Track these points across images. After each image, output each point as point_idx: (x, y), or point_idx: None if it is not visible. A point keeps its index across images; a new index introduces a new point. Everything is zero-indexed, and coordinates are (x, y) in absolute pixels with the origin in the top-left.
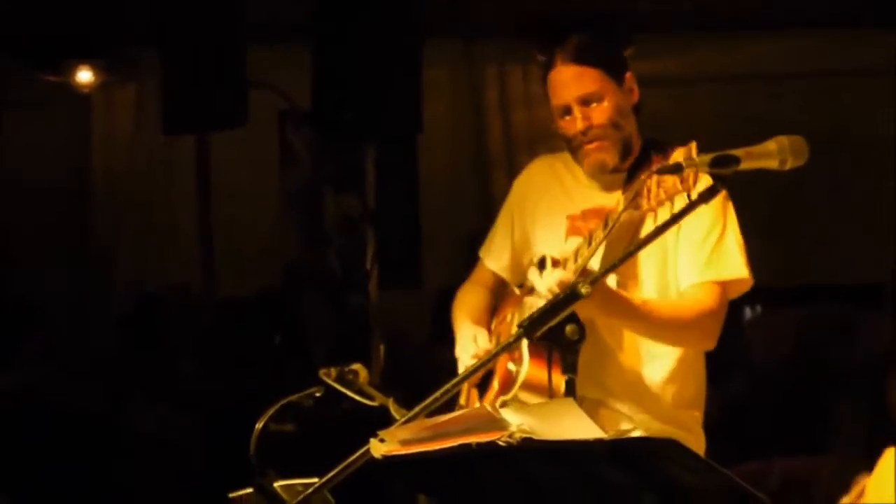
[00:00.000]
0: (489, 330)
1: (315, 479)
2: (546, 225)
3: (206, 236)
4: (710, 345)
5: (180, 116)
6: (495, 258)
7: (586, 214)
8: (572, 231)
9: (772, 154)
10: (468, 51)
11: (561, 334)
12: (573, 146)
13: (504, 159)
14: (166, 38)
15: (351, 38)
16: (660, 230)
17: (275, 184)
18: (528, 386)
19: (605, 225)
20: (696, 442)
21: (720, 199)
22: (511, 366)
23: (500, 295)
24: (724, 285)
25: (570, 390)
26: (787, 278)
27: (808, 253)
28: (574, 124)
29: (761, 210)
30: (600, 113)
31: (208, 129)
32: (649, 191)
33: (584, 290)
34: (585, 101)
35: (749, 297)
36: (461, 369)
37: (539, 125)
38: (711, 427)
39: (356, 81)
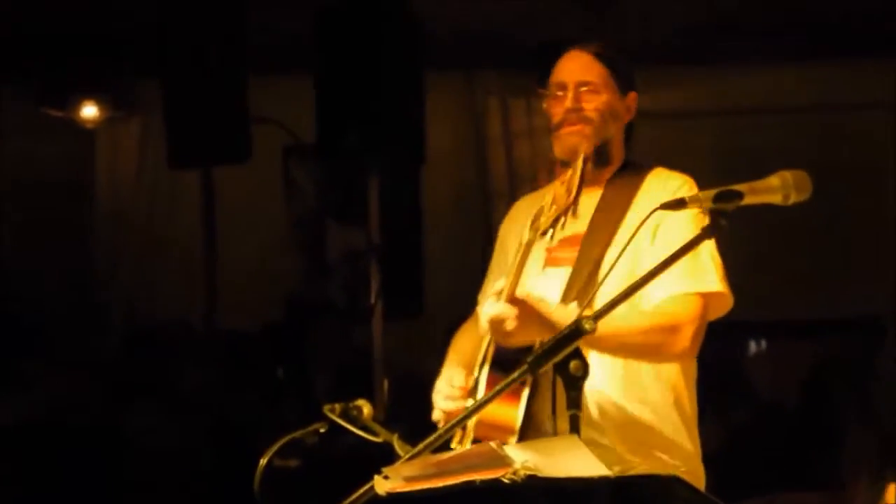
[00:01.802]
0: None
1: None
2: (529, 261)
3: (210, 270)
4: (685, 357)
5: (184, 151)
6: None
7: (563, 244)
8: (550, 262)
9: (775, 189)
10: (471, 82)
11: (565, 370)
12: (554, 127)
13: (507, 190)
14: (170, 73)
15: (354, 70)
16: (664, 265)
17: (279, 217)
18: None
19: (519, 252)
20: (695, 478)
21: (698, 215)
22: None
23: None
24: (701, 297)
25: (575, 426)
26: (791, 313)
27: (810, 287)
28: (563, 102)
29: (765, 245)
30: (592, 100)
31: (212, 163)
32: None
33: (587, 325)
34: (583, 85)
35: (754, 332)
36: (435, 412)
37: (542, 157)
38: (715, 461)
39: (359, 113)
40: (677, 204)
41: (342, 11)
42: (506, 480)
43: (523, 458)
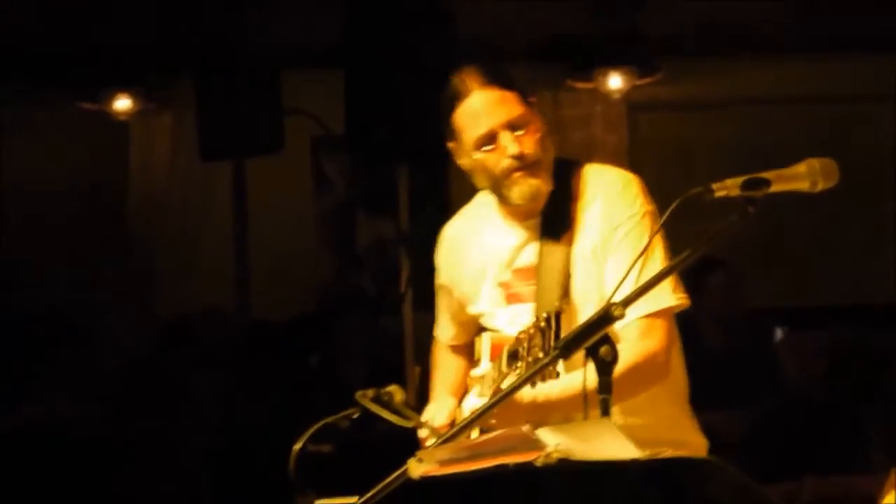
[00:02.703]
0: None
1: (354, 499)
2: (481, 297)
3: (241, 260)
4: (665, 378)
5: (216, 143)
6: (443, 331)
7: (517, 277)
8: (512, 299)
9: (802, 176)
10: None
11: (596, 355)
12: (499, 178)
13: None
14: (202, 66)
15: (382, 63)
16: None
17: (309, 208)
18: None
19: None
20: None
21: (645, 219)
22: None
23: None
24: (663, 316)
25: (605, 410)
26: (817, 299)
27: (839, 274)
28: (504, 151)
29: (789, 235)
30: (529, 138)
31: (244, 155)
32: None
33: (616, 312)
34: (513, 126)
35: (781, 318)
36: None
37: (566, 148)
38: (743, 448)
39: (388, 105)
40: (705, 192)
41: (371, 6)
42: (538, 464)
43: (556, 442)
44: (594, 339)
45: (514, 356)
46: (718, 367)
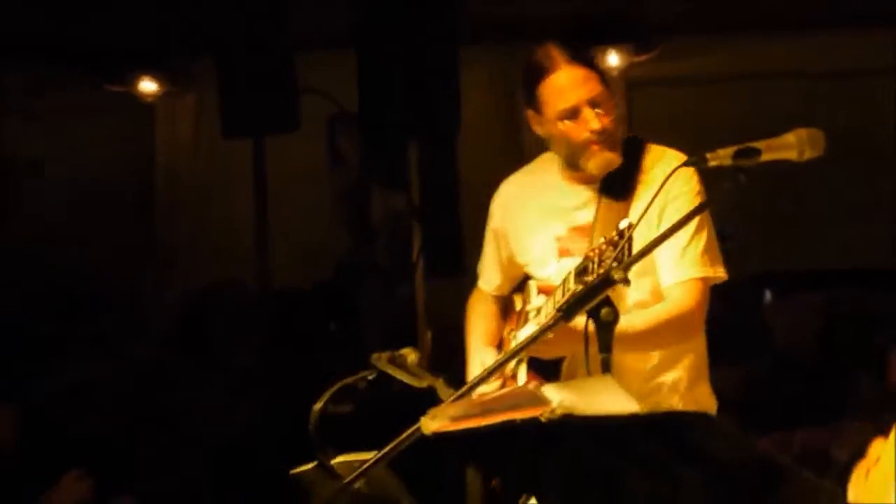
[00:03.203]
0: (501, 337)
1: (371, 454)
2: (535, 246)
3: (262, 232)
4: (695, 338)
5: (237, 122)
6: (487, 281)
7: (572, 234)
8: (563, 253)
9: (791, 146)
10: (504, 54)
11: (597, 316)
12: (577, 150)
13: (538, 156)
14: (222, 49)
15: (395, 45)
16: (674, 228)
17: (326, 183)
18: None
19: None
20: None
21: (697, 198)
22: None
23: (507, 302)
24: (703, 281)
25: (607, 368)
26: (805, 263)
27: (825, 239)
28: (588, 125)
29: (783, 201)
30: (605, 115)
31: (263, 133)
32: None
33: (616, 275)
34: (594, 103)
35: (770, 282)
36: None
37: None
38: (738, 402)
39: (400, 85)
40: (699, 160)
41: None
42: (543, 419)
43: (559, 398)
44: (596, 300)
45: (582, 272)
46: (716, 329)
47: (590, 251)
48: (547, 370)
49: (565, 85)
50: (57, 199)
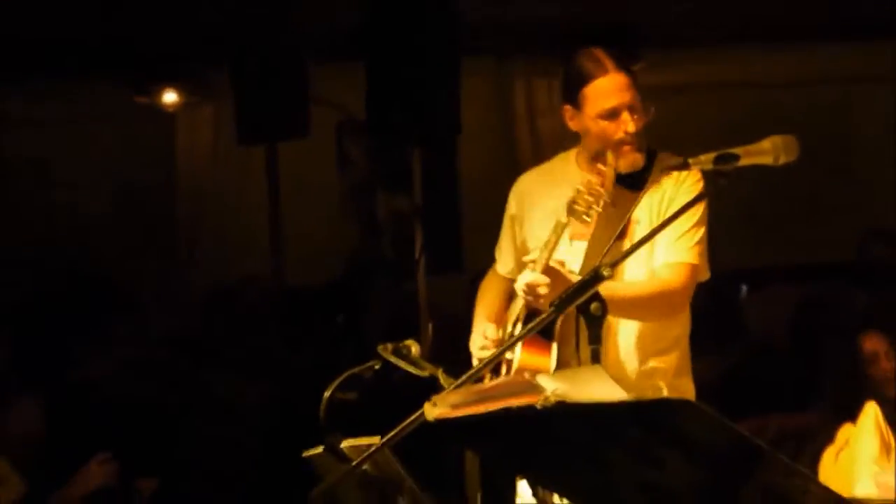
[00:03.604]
0: (505, 319)
1: (377, 439)
2: (547, 233)
3: (275, 232)
4: (673, 317)
5: (252, 129)
6: (503, 264)
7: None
8: (575, 237)
9: (766, 151)
10: (500, 66)
11: (587, 311)
12: (610, 147)
13: (531, 159)
14: (238, 62)
15: (399, 57)
16: (667, 221)
17: (334, 185)
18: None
19: (555, 230)
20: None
21: (699, 206)
22: (509, 355)
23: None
24: (694, 267)
25: (596, 358)
26: (776, 259)
27: (797, 237)
28: (624, 127)
29: (757, 204)
30: (639, 119)
31: (276, 139)
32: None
33: (605, 272)
34: (632, 108)
35: (744, 277)
36: (474, 361)
37: (561, 131)
38: (716, 389)
39: (404, 93)
40: (682, 165)
41: (389, 4)
42: (538, 406)
43: (553, 386)
44: (586, 296)
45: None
46: (696, 321)
47: (578, 187)
48: (544, 336)
49: (611, 89)
50: (86, 201)
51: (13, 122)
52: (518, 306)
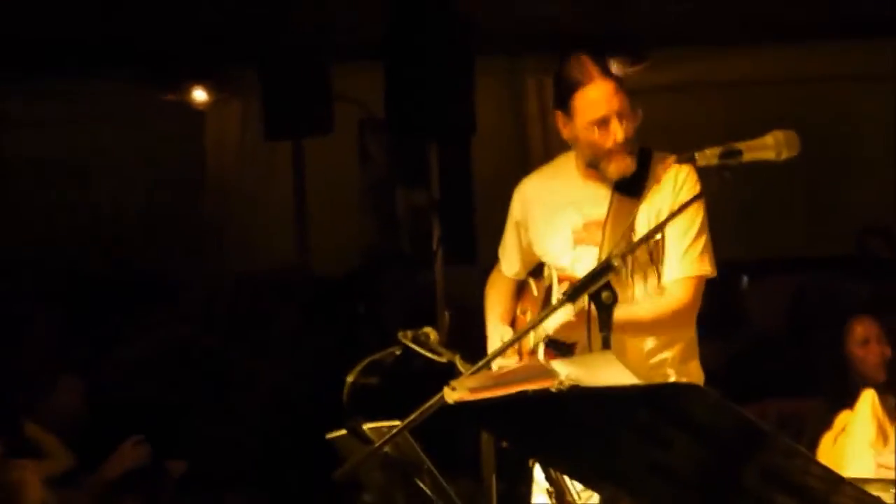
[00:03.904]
0: (515, 315)
1: (397, 422)
2: (553, 236)
3: (300, 225)
4: (687, 325)
5: (278, 126)
6: (509, 265)
7: (588, 226)
8: (579, 241)
9: (769, 147)
10: (512, 65)
11: (598, 299)
12: (600, 156)
13: (543, 156)
14: (264, 61)
15: (417, 57)
16: (664, 223)
17: (355, 180)
18: None
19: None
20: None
21: (700, 207)
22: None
23: (522, 284)
24: (700, 279)
25: (607, 344)
26: (777, 253)
27: (794, 232)
28: (613, 137)
29: (758, 199)
30: (628, 127)
31: (301, 135)
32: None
33: (616, 262)
34: (620, 115)
35: (746, 269)
36: (493, 366)
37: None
38: (718, 375)
39: (422, 93)
40: (689, 159)
41: (408, 8)
42: (553, 390)
43: (567, 371)
44: (597, 285)
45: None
46: (701, 311)
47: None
48: (562, 351)
49: (598, 97)
50: (122, 193)
51: (52, 122)
52: (534, 316)
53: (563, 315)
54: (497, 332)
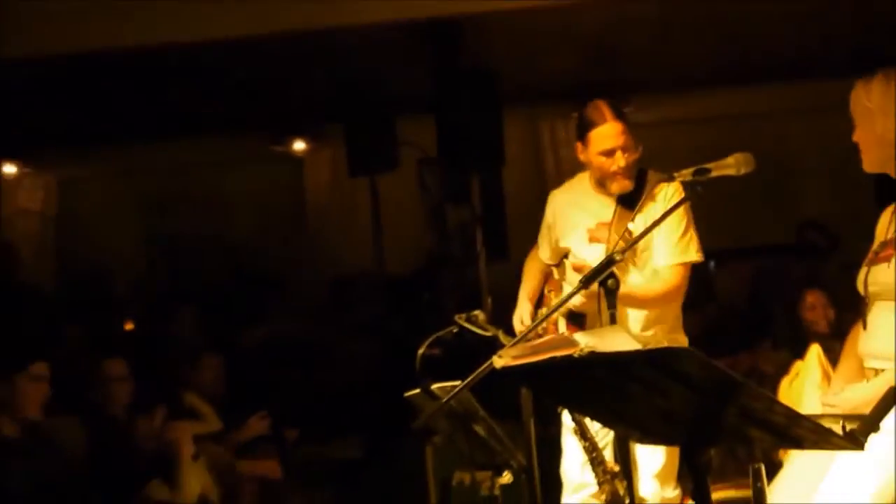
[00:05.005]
0: (543, 293)
1: (458, 382)
2: (573, 235)
3: (377, 237)
4: (675, 303)
5: (358, 166)
6: (543, 253)
7: (599, 227)
8: (592, 239)
9: (731, 165)
10: (531, 112)
11: (605, 284)
12: (606, 176)
13: (555, 180)
14: (346, 118)
15: (459, 108)
16: (655, 224)
17: (417, 203)
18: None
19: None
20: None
21: (684, 211)
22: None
23: (549, 270)
24: (687, 265)
25: (613, 320)
26: (738, 243)
27: (752, 227)
28: (617, 163)
29: (723, 202)
30: (629, 158)
31: (375, 172)
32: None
33: (618, 257)
34: (624, 148)
35: (713, 256)
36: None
37: (577, 158)
38: (697, 340)
39: (464, 135)
40: (670, 178)
41: (450, 71)
42: (575, 356)
43: (586, 341)
44: (604, 274)
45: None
46: None
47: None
48: (577, 322)
49: (609, 134)
50: (243, 217)
51: (199, 166)
52: (560, 298)
53: (578, 297)
54: (520, 311)
